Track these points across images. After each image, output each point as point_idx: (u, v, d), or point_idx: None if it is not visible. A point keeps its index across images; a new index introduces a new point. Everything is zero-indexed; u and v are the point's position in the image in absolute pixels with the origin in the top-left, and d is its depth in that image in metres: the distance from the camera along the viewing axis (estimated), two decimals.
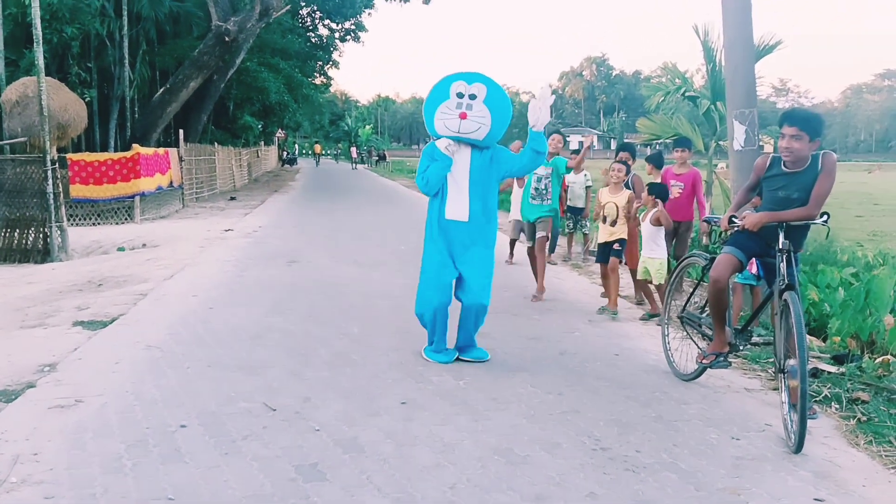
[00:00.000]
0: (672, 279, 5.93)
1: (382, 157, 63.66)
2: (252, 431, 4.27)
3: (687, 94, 12.87)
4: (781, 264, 4.49)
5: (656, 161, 8.28)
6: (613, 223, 7.48)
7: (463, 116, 5.34)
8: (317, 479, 3.66)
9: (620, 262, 7.57)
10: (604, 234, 7.62)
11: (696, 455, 4.04)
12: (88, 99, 20.98)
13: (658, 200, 7.11)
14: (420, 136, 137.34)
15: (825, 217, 4.57)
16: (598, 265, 8.01)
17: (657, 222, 7.11)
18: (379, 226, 15.97)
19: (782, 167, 4.63)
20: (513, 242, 10.74)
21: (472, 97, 5.37)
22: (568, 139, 65.53)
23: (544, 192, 8.06)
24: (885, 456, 4.15)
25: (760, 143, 7.57)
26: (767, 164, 4.72)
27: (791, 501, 3.55)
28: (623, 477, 3.73)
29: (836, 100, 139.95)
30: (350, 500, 3.44)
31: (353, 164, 59.99)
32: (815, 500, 3.58)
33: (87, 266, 10.98)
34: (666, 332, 5.80)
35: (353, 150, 66.06)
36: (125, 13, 22.60)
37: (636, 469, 3.82)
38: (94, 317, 7.15)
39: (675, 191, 8.04)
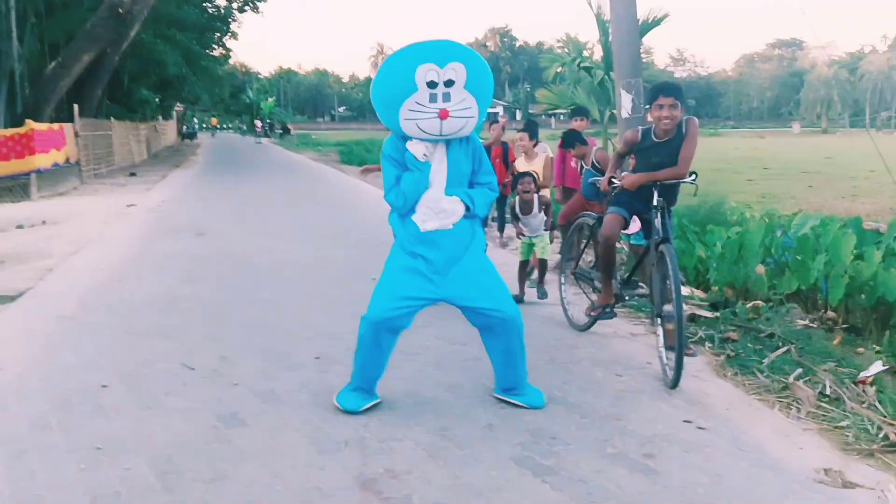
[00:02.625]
0: (567, 238, 6.39)
1: (287, 131, 62.84)
2: (172, 388, 4.50)
3: (582, 65, 13.43)
4: (657, 220, 4.97)
5: (530, 129, 8.17)
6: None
7: (444, 115, 3.88)
8: (238, 426, 3.94)
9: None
10: None
11: (583, 390, 4.50)
12: None
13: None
14: (324, 108, 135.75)
15: (693, 176, 5.06)
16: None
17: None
18: (286, 199, 16.06)
19: (653, 138, 5.09)
20: None
21: (449, 83, 3.88)
22: None
23: None
24: (748, 385, 4.70)
25: (646, 109, 8.04)
26: (639, 136, 5.17)
27: (663, 424, 4.04)
28: (518, 411, 4.14)
29: (730, 69, 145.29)
30: (270, 442, 3.75)
31: (258, 138, 59.07)
32: (685, 421, 4.09)
33: None
34: (562, 287, 6.26)
35: (258, 123, 64.94)
36: None
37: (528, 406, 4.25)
38: (1, 292, 7.13)
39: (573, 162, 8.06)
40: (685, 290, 7.11)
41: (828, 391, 4.48)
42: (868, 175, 26.64)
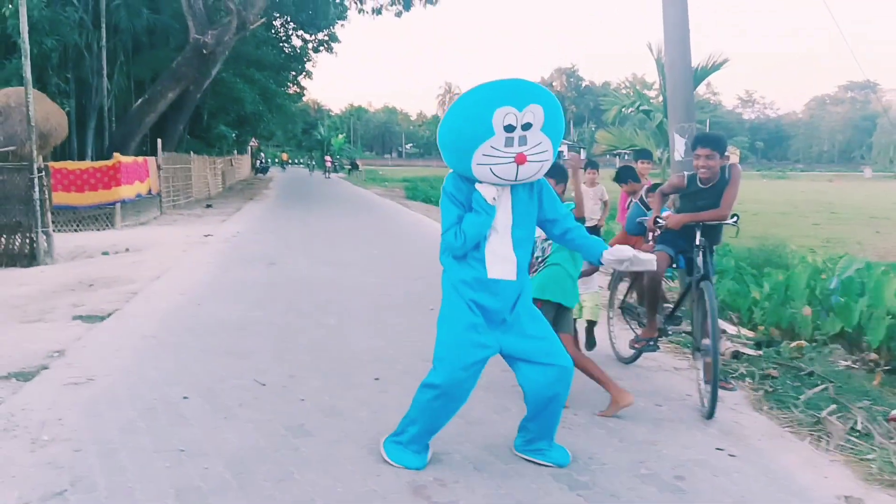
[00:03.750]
0: (615, 274, 6.69)
1: (355, 166, 64.26)
2: (245, 401, 4.95)
3: (641, 108, 13.72)
4: (698, 258, 5.26)
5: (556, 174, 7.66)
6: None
7: (521, 160, 3.64)
8: (304, 436, 4.36)
9: None
10: None
11: (623, 418, 4.79)
12: (67, 109, 21.45)
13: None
14: (393, 144, 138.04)
15: (735, 218, 5.35)
16: None
17: None
18: (352, 232, 16.66)
19: (698, 184, 5.41)
20: None
21: (527, 126, 3.63)
22: None
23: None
24: (782, 418, 4.93)
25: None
26: (685, 182, 5.49)
27: (697, 450, 4.31)
28: (560, 433, 4.45)
29: (800, 111, 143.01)
30: (332, 450, 4.15)
31: (327, 173, 60.55)
32: (717, 448, 4.35)
33: (74, 269, 11.53)
34: (610, 320, 6.56)
35: (328, 159, 66.59)
36: (103, 25, 23.11)
37: (571, 427, 4.57)
38: (90, 312, 7.77)
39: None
40: (733, 329, 7.34)
41: (859, 427, 4.68)
42: None
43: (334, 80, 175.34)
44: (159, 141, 22.08)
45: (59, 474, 3.79)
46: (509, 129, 3.60)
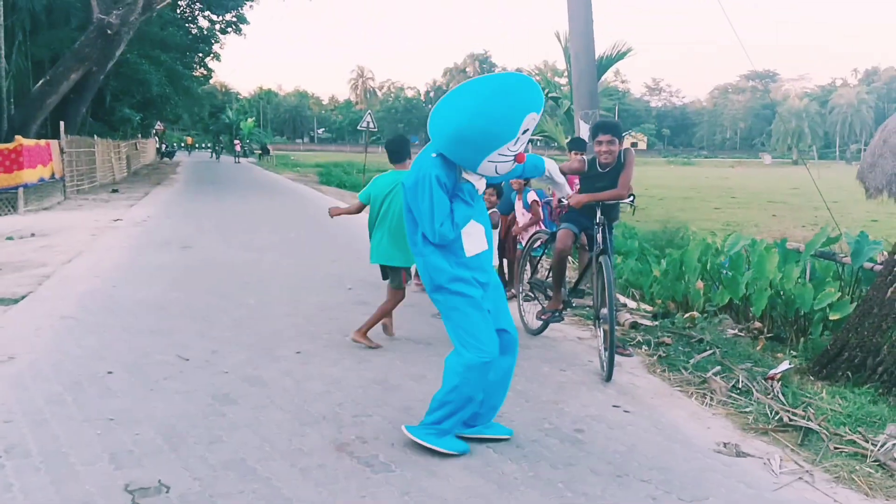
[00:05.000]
0: (524, 252, 7.10)
1: (266, 151, 63.34)
2: (170, 375, 5.13)
3: (550, 94, 14.23)
4: (598, 234, 5.70)
5: (579, 146, 7.68)
6: None
7: (521, 159, 3.80)
8: (230, 403, 4.59)
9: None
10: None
11: (530, 381, 5.18)
12: None
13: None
14: (304, 129, 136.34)
15: (632, 197, 5.81)
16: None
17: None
18: (267, 216, 16.68)
19: (597, 168, 5.86)
20: None
21: (525, 130, 3.69)
22: None
23: None
24: (673, 380, 5.42)
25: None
26: (586, 167, 5.91)
27: (595, 408, 4.74)
28: None
29: (704, 99, 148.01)
30: (258, 415, 4.39)
31: (237, 158, 59.53)
32: (613, 405, 4.79)
33: None
34: (519, 295, 6.96)
35: (237, 143, 65.41)
36: (0, 2, 22.19)
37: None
38: (3, 295, 7.70)
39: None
40: (633, 304, 7.87)
41: (740, 385, 5.21)
42: (830, 206, 27.65)
43: (243, 63, 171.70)
44: (62, 124, 21.40)
45: None
46: (524, 131, 3.66)
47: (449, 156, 3.78)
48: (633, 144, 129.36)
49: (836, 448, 4.20)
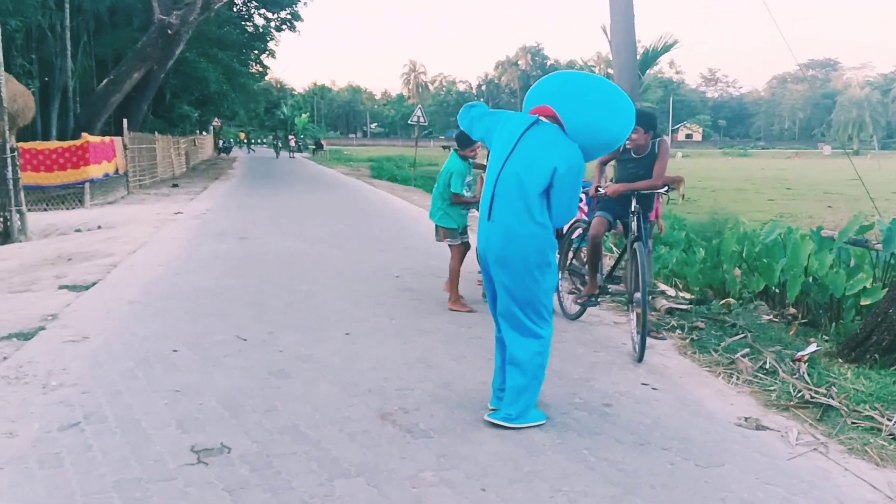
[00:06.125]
0: (564, 240, 7.36)
1: (319, 146, 64.39)
2: (230, 353, 5.55)
3: None
4: (633, 223, 5.95)
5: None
6: None
7: None
8: (285, 378, 4.98)
9: None
10: None
11: (564, 361, 5.47)
12: (32, 90, 21.56)
13: None
14: (357, 124, 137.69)
15: (666, 188, 6.04)
16: None
17: None
18: (319, 209, 17.20)
19: (631, 154, 6.10)
20: None
21: None
22: None
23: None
24: (703, 361, 5.65)
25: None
26: (621, 150, 6.17)
27: (624, 385, 5.01)
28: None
29: (762, 89, 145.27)
30: (309, 388, 4.78)
31: (291, 153, 60.63)
32: (642, 384, 5.05)
33: (50, 245, 11.95)
34: (560, 283, 7.23)
35: (292, 138, 66.57)
36: (66, 5, 23.22)
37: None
38: (74, 282, 8.27)
39: None
40: (671, 292, 8.07)
41: (767, 366, 5.41)
42: (889, 196, 27.10)
43: (297, 59, 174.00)
44: (125, 121, 22.29)
45: (71, 410, 4.37)
46: None
47: (587, 149, 4.24)
48: (689, 136, 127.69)
49: (853, 423, 4.40)
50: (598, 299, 6.53)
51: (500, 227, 4.17)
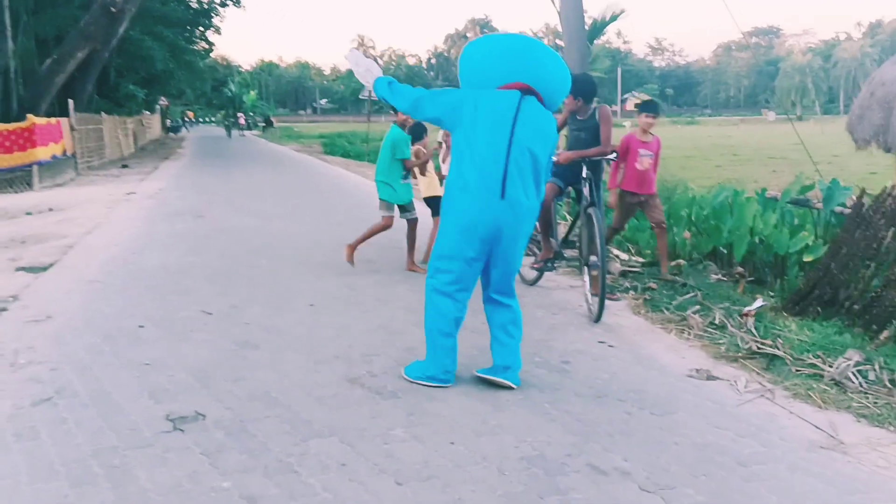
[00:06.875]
0: None
1: (270, 123, 63.66)
2: (196, 327, 5.62)
3: None
4: (585, 188, 6.15)
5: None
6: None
7: None
8: (251, 348, 5.09)
9: None
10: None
11: (524, 324, 5.58)
12: None
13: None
14: (307, 100, 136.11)
15: (614, 154, 6.25)
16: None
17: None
18: (274, 186, 17.17)
19: (576, 117, 6.32)
20: None
21: None
22: None
23: None
24: (656, 319, 5.91)
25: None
26: (567, 118, 6.38)
27: (582, 344, 5.23)
28: (467, 336, 5.27)
29: (708, 58, 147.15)
30: (275, 358, 4.89)
31: (241, 131, 59.83)
32: (599, 342, 5.28)
33: (2, 229, 11.76)
34: None
35: (241, 116, 65.65)
36: None
37: (478, 332, 5.39)
38: (31, 264, 8.20)
39: (646, 161, 7.11)
40: (624, 256, 8.32)
41: (717, 321, 5.68)
42: (831, 160, 27.78)
43: (243, 36, 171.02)
44: (70, 102, 21.81)
45: (42, 387, 4.41)
46: None
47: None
48: (637, 105, 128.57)
49: (797, 370, 4.67)
50: (555, 264, 6.73)
51: (513, 203, 4.21)
